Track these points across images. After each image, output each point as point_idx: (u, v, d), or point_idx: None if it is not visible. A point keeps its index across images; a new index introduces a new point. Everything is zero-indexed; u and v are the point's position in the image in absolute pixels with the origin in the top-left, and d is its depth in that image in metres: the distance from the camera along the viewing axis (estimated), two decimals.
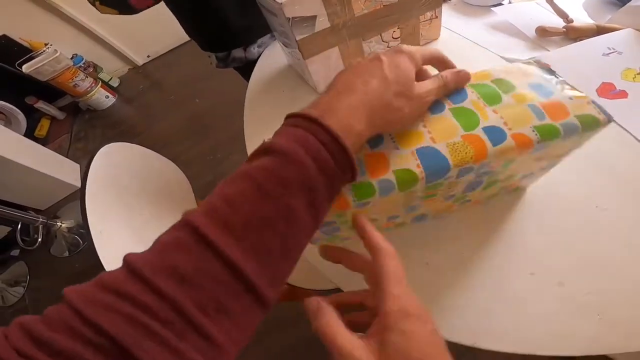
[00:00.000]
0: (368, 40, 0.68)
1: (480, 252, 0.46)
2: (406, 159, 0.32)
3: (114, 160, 0.65)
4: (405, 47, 0.32)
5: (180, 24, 0.92)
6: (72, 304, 0.20)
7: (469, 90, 0.36)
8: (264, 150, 0.25)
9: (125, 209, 0.61)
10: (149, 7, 0.75)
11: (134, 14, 0.74)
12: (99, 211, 0.55)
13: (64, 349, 0.19)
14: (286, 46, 0.69)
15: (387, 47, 0.71)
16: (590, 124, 0.32)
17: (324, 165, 0.25)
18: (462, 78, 0.35)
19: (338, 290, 0.49)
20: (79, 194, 0.53)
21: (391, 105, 0.29)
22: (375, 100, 0.28)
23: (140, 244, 0.59)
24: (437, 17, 0.71)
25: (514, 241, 0.46)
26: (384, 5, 0.63)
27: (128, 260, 0.22)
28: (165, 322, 0.20)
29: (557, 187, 0.47)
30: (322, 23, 0.60)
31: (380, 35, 0.69)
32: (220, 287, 0.22)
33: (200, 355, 0.21)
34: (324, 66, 0.68)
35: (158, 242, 0.23)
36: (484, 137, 0.32)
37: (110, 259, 0.50)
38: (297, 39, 0.60)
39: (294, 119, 0.27)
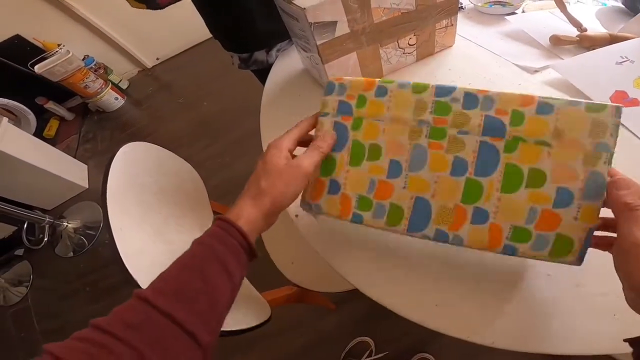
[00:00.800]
0: (385, 46, 0.69)
1: (495, 256, 0.45)
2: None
3: (133, 159, 0.65)
4: (275, 140, 0.44)
5: (206, 22, 0.93)
6: (54, 353, 0.27)
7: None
8: (192, 243, 0.37)
9: (144, 207, 0.62)
10: (171, 3, 0.76)
11: (159, 9, 0.76)
12: (119, 209, 0.56)
13: None
14: (305, 50, 0.70)
15: (403, 53, 0.73)
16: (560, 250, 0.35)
17: (229, 245, 0.36)
18: (332, 140, 0.46)
19: (350, 292, 0.50)
20: (87, 195, 0.54)
21: (270, 192, 0.40)
22: (255, 194, 0.40)
23: (159, 241, 0.60)
24: (452, 25, 0.72)
25: None
26: (402, 13, 0.64)
27: (94, 322, 0.30)
28: (120, 356, 0.27)
29: None
30: (342, 28, 0.62)
31: (397, 41, 0.70)
32: (161, 330, 0.30)
33: None
34: (342, 71, 0.69)
35: (115, 310, 0.31)
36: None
37: (130, 255, 0.51)
38: (318, 43, 0.62)
39: (217, 221, 0.38)
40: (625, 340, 0.31)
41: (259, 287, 0.78)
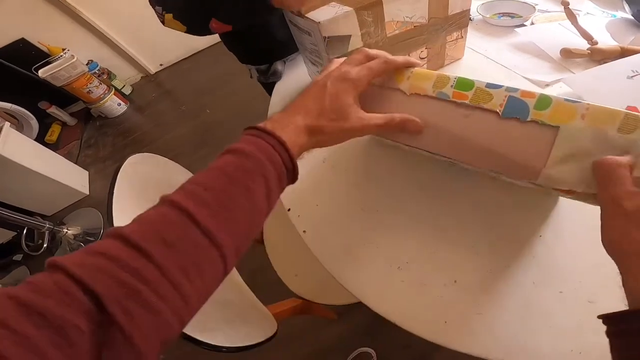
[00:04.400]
0: None
1: (509, 269, 0.46)
2: None
3: (140, 171, 0.64)
4: (354, 73, 0.39)
5: (224, 38, 0.92)
6: (63, 267, 0.22)
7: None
8: (227, 151, 0.32)
9: None
10: (222, 31, 0.75)
11: (202, 35, 0.75)
12: (125, 222, 0.55)
13: (56, 315, 0.20)
14: (315, 65, 0.70)
15: None
16: None
17: (274, 162, 0.32)
18: (413, 126, 0.42)
19: (356, 305, 0.49)
20: (88, 202, 0.53)
21: (325, 128, 0.37)
22: (313, 124, 0.36)
23: None
24: (462, 37, 0.72)
25: (542, 258, 0.45)
26: (415, 26, 0.64)
27: (117, 231, 0.25)
28: (151, 283, 0.23)
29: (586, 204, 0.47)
30: (355, 43, 0.61)
31: (409, 55, 0.69)
32: (199, 252, 0.26)
33: (176, 316, 0.24)
34: None
35: (142, 217, 0.27)
36: None
37: None
38: (331, 58, 0.61)
39: (252, 130, 0.34)
40: (599, 317, 0.29)
41: (263, 300, 0.77)
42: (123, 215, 0.54)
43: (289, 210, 0.59)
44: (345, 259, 0.52)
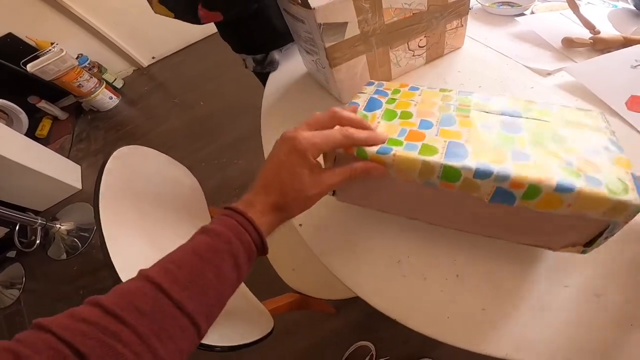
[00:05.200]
0: (395, 48, 0.67)
1: (513, 263, 0.45)
2: None
3: (128, 163, 0.62)
4: (302, 143, 0.38)
5: (217, 26, 0.89)
6: (50, 330, 0.25)
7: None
8: (202, 231, 0.35)
9: (140, 214, 0.59)
10: (212, 22, 0.72)
11: (192, 23, 0.72)
12: (112, 217, 0.53)
13: None
14: (310, 54, 0.68)
15: (413, 55, 0.71)
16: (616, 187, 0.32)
17: (243, 241, 0.35)
18: (375, 171, 0.40)
19: (355, 299, 0.48)
20: (81, 197, 0.52)
21: (291, 206, 0.39)
22: (277, 201, 0.38)
23: (155, 250, 0.57)
24: (462, 25, 0.70)
25: (547, 252, 0.44)
26: (413, 13, 0.62)
27: (96, 300, 0.28)
28: (127, 344, 0.26)
29: None
30: (352, 30, 0.59)
31: (407, 43, 0.67)
32: (171, 321, 0.29)
33: None
34: (350, 75, 0.66)
35: (120, 290, 0.30)
36: None
37: (125, 266, 0.48)
38: (326, 45, 0.59)
39: (226, 210, 0.36)
40: None
41: (259, 295, 0.75)
42: (111, 208, 0.52)
43: None
44: (342, 253, 0.51)
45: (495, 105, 0.44)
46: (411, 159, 0.38)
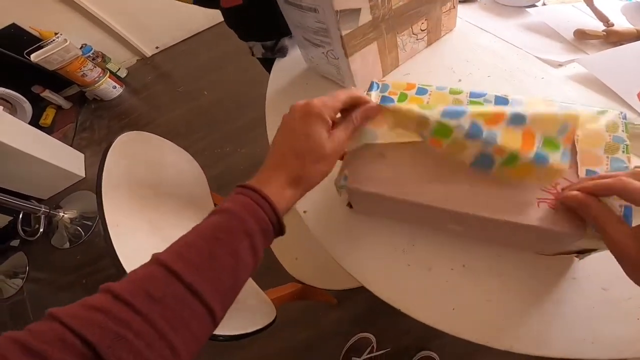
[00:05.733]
0: (401, 33, 0.66)
1: (518, 255, 0.44)
2: None
3: (130, 150, 0.62)
4: (316, 105, 0.37)
5: (225, 14, 0.88)
6: (60, 319, 0.25)
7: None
8: (215, 211, 0.33)
9: (142, 201, 0.59)
10: (233, 7, 0.71)
11: (210, 7, 0.71)
12: (115, 203, 0.53)
13: (56, 358, 0.23)
14: (320, 46, 0.66)
15: (417, 39, 0.71)
16: None
17: (259, 219, 0.33)
18: (371, 111, 0.41)
19: (356, 289, 0.48)
20: (84, 185, 0.51)
21: (310, 173, 0.37)
22: (296, 173, 0.36)
23: (158, 238, 0.57)
24: (454, 7, 0.72)
25: None
26: None
27: (108, 287, 0.27)
28: (139, 333, 0.25)
29: None
30: (365, 16, 0.58)
31: (411, 27, 0.67)
32: (184, 306, 0.28)
33: None
34: (363, 64, 0.65)
35: (133, 275, 0.29)
36: None
37: (128, 253, 0.48)
38: (343, 34, 0.57)
39: (240, 188, 0.35)
40: None
41: (261, 284, 0.75)
42: (113, 195, 0.52)
43: None
44: (346, 241, 0.51)
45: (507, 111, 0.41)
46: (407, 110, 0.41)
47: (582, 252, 0.39)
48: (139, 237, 0.54)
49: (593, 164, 0.36)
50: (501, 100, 0.42)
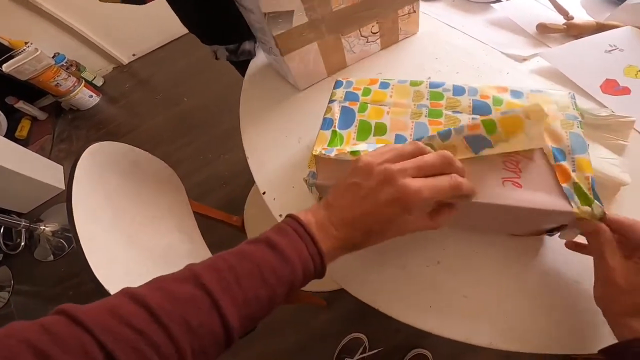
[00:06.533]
0: (347, 35, 0.67)
1: (492, 249, 0.45)
2: None
3: (101, 161, 0.61)
4: (420, 199, 0.32)
5: (183, 19, 0.87)
6: (89, 329, 0.23)
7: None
8: (269, 244, 0.32)
9: (116, 211, 0.58)
10: None
11: (139, 4, 0.70)
12: (87, 215, 0.52)
13: None
14: (264, 43, 0.68)
15: (367, 41, 0.71)
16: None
17: (307, 272, 0.32)
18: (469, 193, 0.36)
19: (338, 291, 0.48)
20: (64, 197, 0.51)
21: (365, 245, 0.35)
22: (354, 242, 0.35)
23: (133, 248, 0.56)
24: (415, 11, 0.71)
25: (527, 239, 0.45)
26: (361, 0, 0.62)
27: (144, 300, 0.26)
28: (164, 357, 0.25)
29: None
30: (300, 18, 0.59)
31: (359, 30, 0.68)
32: (214, 339, 0.28)
33: None
34: (303, 63, 0.66)
35: (170, 291, 0.28)
36: None
37: (102, 265, 0.47)
38: (274, 34, 0.59)
39: (298, 226, 0.33)
40: (599, 351, 0.33)
41: None
42: (85, 207, 0.52)
43: (264, 193, 0.57)
44: None
45: (465, 101, 0.45)
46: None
47: (553, 230, 0.40)
48: (114, 249, 0.54)
49: (556, 141, 0.38)
50: (459, 90, 0.47)
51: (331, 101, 0.50)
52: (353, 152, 0.41)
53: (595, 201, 0.34)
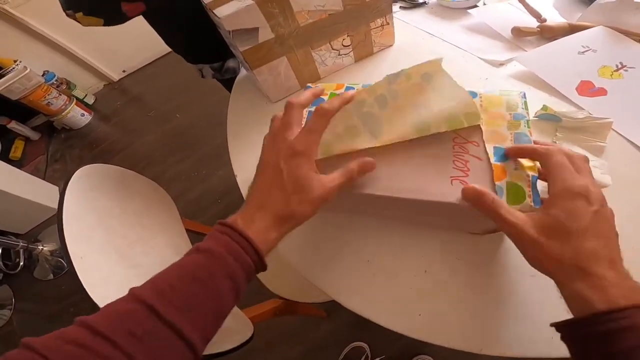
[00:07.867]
0: (317, 49, 0.68)
1: (478, 257, 0.46)
2: None
3: (91, 183, 0.62)
4: (302, 145, 0.37)
5: (167, 40, 0.89)
6: (38, 351, 0.25)
7: None
8: (197, 250, 0.33)
9: (107, 232, 0.59)
10: (139, 14, 0.72)
11: (121, 23, 0.71)
12: (79, 236, 0.53)
13: None
14: (236, 57, 0.69)
15: (339, 54, 0.72)
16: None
17: (243, 263, 0.33)
18: (368, 166, 0.39)
19: (333, 302, 0.49)
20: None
21: (294, 215, 0.37)
22: (282, 214, 0.36)
23: (126, 267, 0.57)
24: (388, 23, 0.71)
25: (510, 243, 0.45)
26: (329, 14, 0.62)
27: (85, 321, 0.27)
28: None
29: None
30: (266, 34, 0.60)
31: (330, 43, 0.68)
32: (165, 343, 0.28)
33: None
34: (273, 76, 0.68)
35: (110, 311, 0.29)
36: None
37: (95, 285, 0.48)
38: (241, 50, 0.60)
39: (222, 227, 0.35)
40: (551, 325, 0.31)
41: (244, 303, 0.75)
42: (76, 228, 0.53)
43: None
44: (313, 256, 0.51)
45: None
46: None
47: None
48: (106, 268, 0.55)
49: (499, 141, 0.39)
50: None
51: None
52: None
53: (527, 199, 0.35)
